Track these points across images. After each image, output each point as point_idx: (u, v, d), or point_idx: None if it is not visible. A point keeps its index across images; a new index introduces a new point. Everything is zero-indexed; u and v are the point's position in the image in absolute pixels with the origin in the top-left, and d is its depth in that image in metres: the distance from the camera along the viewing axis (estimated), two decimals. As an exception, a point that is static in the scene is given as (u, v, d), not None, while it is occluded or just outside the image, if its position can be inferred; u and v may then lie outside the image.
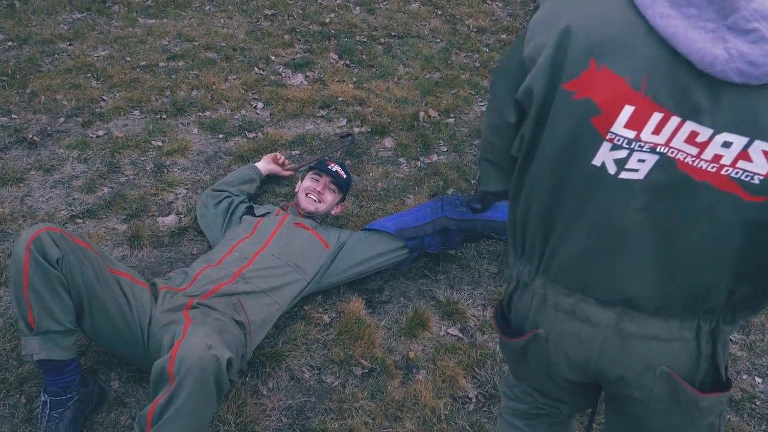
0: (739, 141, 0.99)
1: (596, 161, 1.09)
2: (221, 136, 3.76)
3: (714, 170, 1.02)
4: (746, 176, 1.01)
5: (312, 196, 2.90)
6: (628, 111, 1.03)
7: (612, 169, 1.09)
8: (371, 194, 3.37)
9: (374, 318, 2.68)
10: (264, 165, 3.31)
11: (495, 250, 3.08)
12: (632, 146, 1.05)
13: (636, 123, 1.04)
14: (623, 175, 1.08)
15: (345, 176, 2.98)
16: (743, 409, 2.38)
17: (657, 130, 1.03)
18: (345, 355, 2.47)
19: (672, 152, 1.04)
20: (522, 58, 1.15)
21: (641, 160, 1.06)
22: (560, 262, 1.25)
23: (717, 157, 1.01)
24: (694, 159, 1.03)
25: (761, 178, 1.00)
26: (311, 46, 4.89)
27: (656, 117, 1.02)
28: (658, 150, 1.05)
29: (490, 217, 2.77)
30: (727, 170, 1.02)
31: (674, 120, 1.02)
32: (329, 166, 2.96)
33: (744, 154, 1.00)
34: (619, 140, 1.06)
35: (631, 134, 1.05)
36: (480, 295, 2.84)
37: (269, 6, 5.49)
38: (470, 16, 5.63)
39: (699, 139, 1.01)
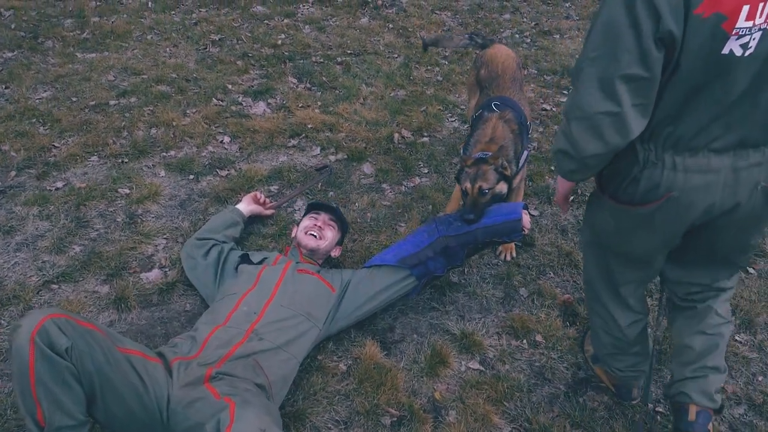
0: None
1: (725, 51, 1.50)
2: (191, 176, 3.56)
3: None
4: None
5: (313, 233, 2.78)
6: (745, 9, 1.46)
7: (738, 52, 1.51)
8: (362, 226, 3.26)
9: (392, 360, 2.58)
10: (245, 206, 3.15)
11: (498, 273, 3.04)
12: (751, 32, 1.48)
13: (751, 15, 1.47)
14: (746, 53, 1.51)
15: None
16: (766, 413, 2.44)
17: (761, 14, 1.47)
18: (370, 405, 2.37)
19: None
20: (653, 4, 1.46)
21: (754, 39, 1.50)
22: (687, 135, 1.65)
23: None
24: None
25: None
26: (267, 70, 4.73)
27: (762, 6, 1.46)
28: (761, 27, 1.49)
29: (486, 223, 2.69)
30: None
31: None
32: (324, 203, 2.87)
33: None
34: (742, 31, 1.48)
35: (749, 24, 1.47)
36: (492, 323, 2.79)
37: (215, 31, 5.28)
38: (422, 27, 5.60)
39: None
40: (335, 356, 2.58)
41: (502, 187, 2.75)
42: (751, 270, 3.15)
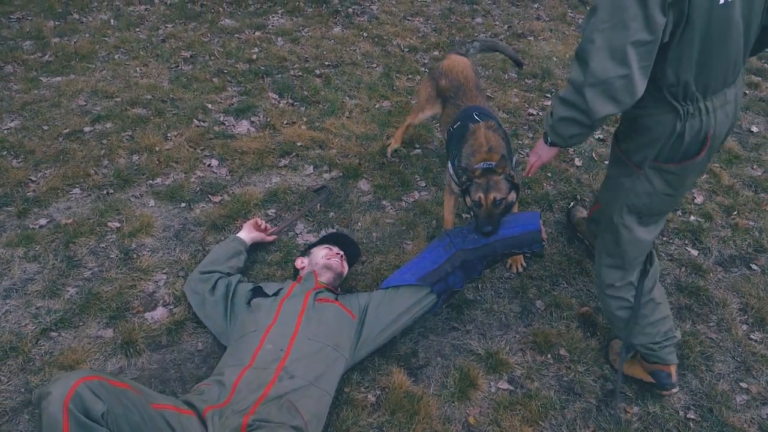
0: None
1: (722, 2, 1.77)
2: (183, 204, 3.41)
3: None
4: None
5: (334, 260, 2.72)
6: None
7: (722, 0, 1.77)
8: (369, 246, 3.18)
9: (420, 387, 2.51)
10: (247, 234, 3.04)
11: (512, 287, 3.01)
12: None
13: None
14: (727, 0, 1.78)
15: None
16: (794, 410, 2.47)
17: None
18: (406, 437, 2.30)
19: None
20: None
21: None
22: (711, 81, 1.92)
23: None
24: None
25: None
26: (245, 87, 4.58)
27: None
28: None
29: (505, 234, 2.66)
30: None
31: None
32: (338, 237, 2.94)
33: None
34: None
35: None
36: (514, 339, 2.76)
37: (185, 47, 5.09)
38: (396, 35, 5.54)
39: None
40: (362, 387, 2.50)
41: (513, 196, 2.72)
42: (753, 266, 3.20)
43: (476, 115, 2.98)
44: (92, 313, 2.72)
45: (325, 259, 2.73)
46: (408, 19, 5.91)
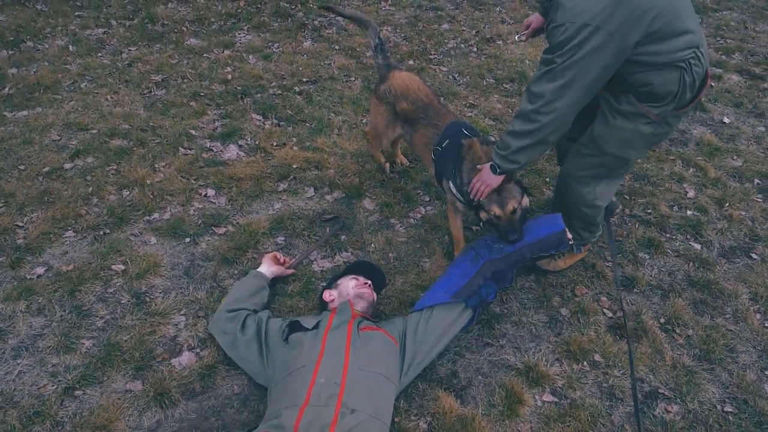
0: None
1: None
2: (187, 239, 3.29)
3: None
4: None
5: (365, 290, 2.68)
6: None
7: None
8: (388, 268, 3.15)
9: (468, 408, 2.50)
10: (267, 268, 2.95)
11: (535, 296, 3.04)
12: None
13: None
14: None
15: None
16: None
17: None
18: (466, 463, 2.29)
19: None
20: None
21: None
22: (698, 36, 2.32)
23: None
24: None
25: None
26: (226, 109, 4.46)
27: None
28: None
29: (531, 240, 2.68)
30: None
31: None
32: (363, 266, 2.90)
33: None
34: None
35: None
36: (548, 349, 2.78)
37: (154, 71, 4.91)
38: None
39: None
40: (412, 415, 2.47)
41: (526, 201, 2.74)
42: (754, 255, 3.35)
43: (465, 130, 2.97)
44: (115, 365, 2.59)
45: (355, 289, 2.69)
46: (376, 29, 5.88)
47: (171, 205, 3.51)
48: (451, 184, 2.91)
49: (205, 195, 3.61)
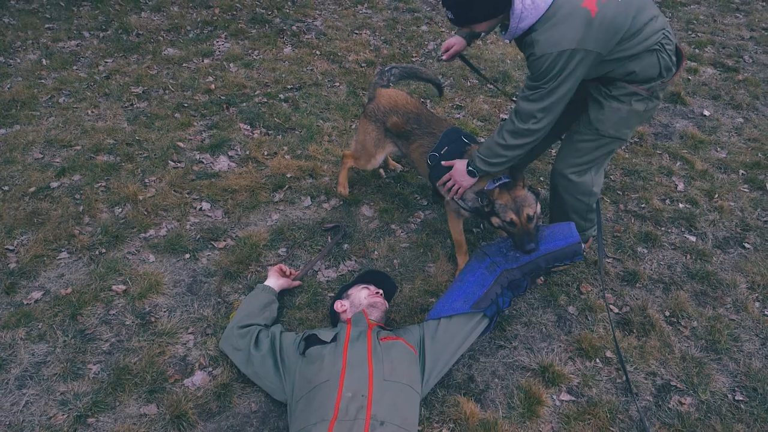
0: None
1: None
2: (186, 255, 3.22)
3: None
4: None
5: (377, 299, 2.67)
6: None
7: None
8: (393, 275, 3.14)
9: (489, 412, 2.51)
10: (275, 281, 2.92)
11: (542, 296, 3.07)
12: None
13: None
14: None
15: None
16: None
17: None
18: (494, 467, 2.29)
19: None
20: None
21: None
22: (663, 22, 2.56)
23: None
24: None
25: None
26: (212, 120, 4.38)
27: None
28: None
29: (547, 249, 2.69)
30: None
31: None
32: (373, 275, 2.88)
33: None
34: None
35: None
36: (560, 348, 2.81)
37: (133, 83, 4.80)
38: (349, 50, 5.48)
39: None
40: (434, 423, 2.46)
41: (539, 208, 2.76)
42: (747, 245, 3.43)
43: (464, 137, 2.98)
44: (127, 389, 2.52)
45: (368, 299, 2.67)
46: (356, 33, 5.86)
47: (166, 221, 3.44)
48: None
49: (200, 209, 3.54)
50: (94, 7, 6.02)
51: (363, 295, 2.69)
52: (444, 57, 3.06)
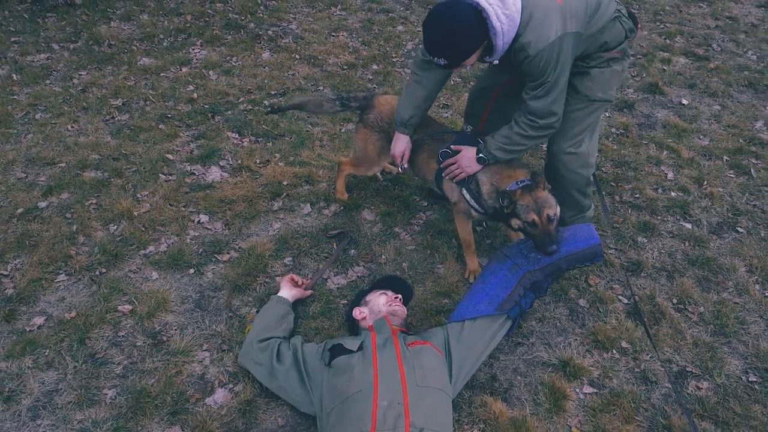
0: None
1: None
2: (191, 270, 3.15)
3: None
4: None
5: (397, 305, 2.65)
6: None
7: None
8: (406, 278, 3.12)
9: (517, 410, 2.53)
10: (288, 292, 2.88)
11: (552, 290, 3.10)
12: None
13: None
14: None
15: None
16: None
17: None
18: (528, 464, 2.31)
19: None
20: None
21: None
22: None
23: None
24: None
25: None
26: (199, 130, 4.29)
27: None
28: None
29: (568, 251, 2.72)
30: None
31: None
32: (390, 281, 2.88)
33: None
34: None
35: None
36: (576, 341, 2.85)
37: (112, 95, 4.66)
38: (328, 53, 5.44)
39: None
40: (464, 425, 2.47)
41: (559, 210, 2.79)
42: (740, 229, 3.54)
43: (478, 138, 3.00)
44: (148, 412, 2.45)
45: (387, 305, 2.65)
46: (333, 35, 5.82)
47: (165, 236, 3.35)
48: (465, 192, 2.92)
49: (199, 222, 3.47)
50: (60, 18, 5.83)
51: (382, 302, 2.67)
52: (405, 165, 3.16)
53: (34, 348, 2.70)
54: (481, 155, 2.84)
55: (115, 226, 3.40)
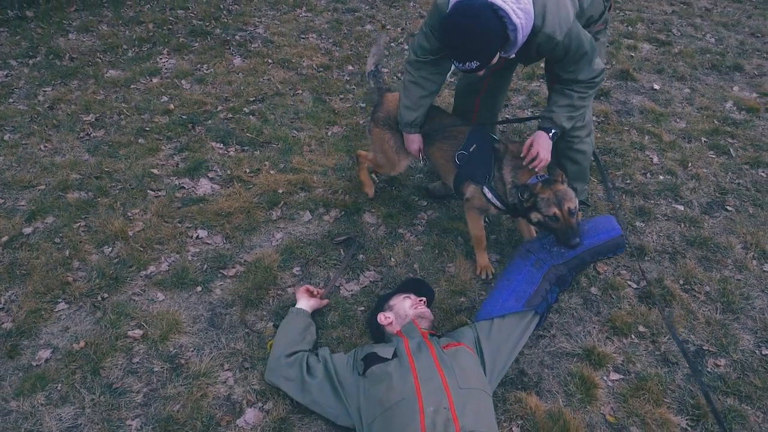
0: None
1: None
2: (198, 288, 3.05)
3: None
4: None
5: (423, 309, 2.63)
6: None
7: None
8: (419, 280, 3.11)
9: (551, 403, 2.55)
10: (306, 303, 2.82)
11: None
12: None
13: None
14: None
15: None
16: None
17: None
18: (571, 456, 2.33)
19: None
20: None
21: None
22: None
23: None
24: None
25: None
26: (181, 142, 4.16)
27: None
28: None
29: (591, 244, 2.77)
30: None
31: None
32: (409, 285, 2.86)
33: None
34: None
35: None
36: (596, 330, 2.89)
37: (82, 110, 4.46)
38: (301, 56, 5.35)
39: None
40: (503, 423, 2.47)
41: (576, 202, 2.82)
42: (729, 207, 3.67)
43: (492, 135, 3.02)
44: (179, 441, 2.36)
45: (413, 309, 2.63)
46: (303, 37, 5.73)
47: (164, 255, 3.23)
48: (486, 189, 2.91)
49: (197, 237, 3.36)
50: (13, 33, 5.54)
51: (407, 305, 2.64)
52: (424, 159, 3.29)
53: (45, 383, 2.56)
54: (554, 131, 2.85)
55: (110, 248, 3.26)
